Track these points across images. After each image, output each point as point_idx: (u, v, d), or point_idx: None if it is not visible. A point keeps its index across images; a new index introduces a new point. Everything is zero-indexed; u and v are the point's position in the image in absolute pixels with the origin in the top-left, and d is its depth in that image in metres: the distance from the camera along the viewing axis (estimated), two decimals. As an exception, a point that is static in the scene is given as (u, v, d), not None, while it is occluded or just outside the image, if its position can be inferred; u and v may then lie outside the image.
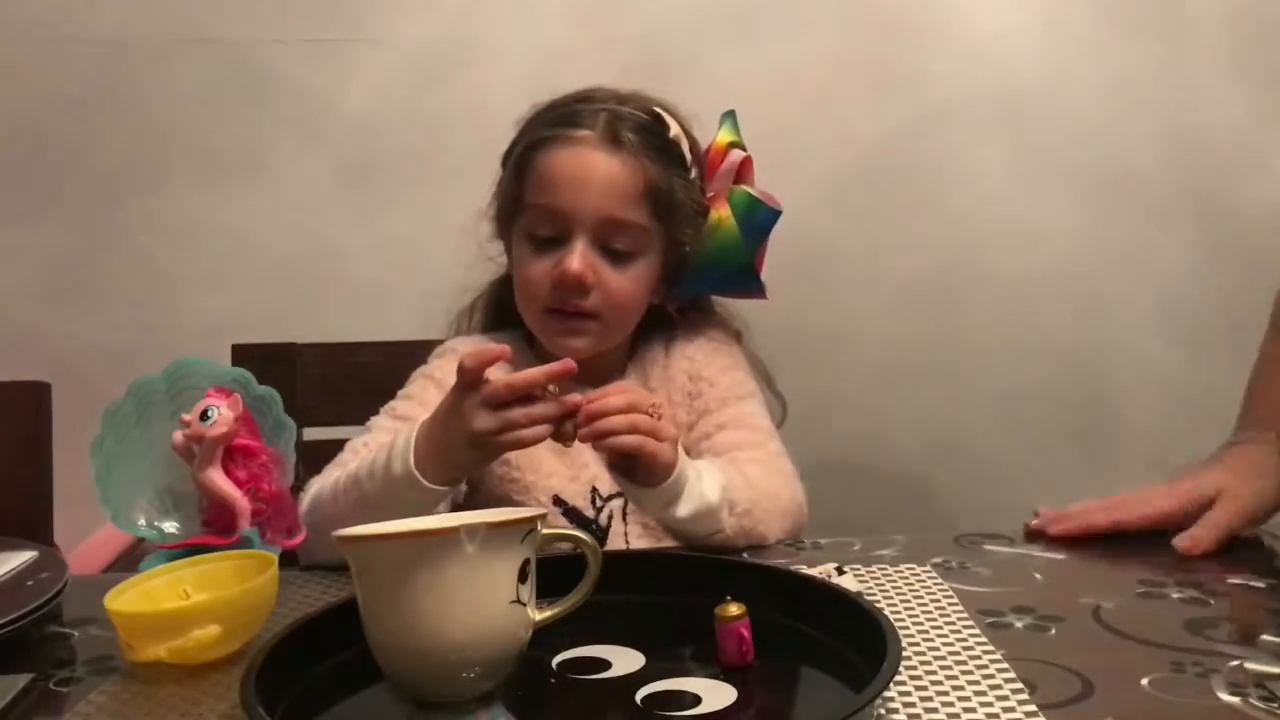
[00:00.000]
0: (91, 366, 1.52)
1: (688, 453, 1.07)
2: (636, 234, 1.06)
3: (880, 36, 1.61)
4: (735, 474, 0.98)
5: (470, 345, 1.13)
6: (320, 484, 0.98)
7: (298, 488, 0.96)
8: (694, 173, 1.11)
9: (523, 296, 1.09)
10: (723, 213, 1.10)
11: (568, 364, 0.86)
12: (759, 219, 1.11)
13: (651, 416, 0.89)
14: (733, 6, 1.63)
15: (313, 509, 0.95)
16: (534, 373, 0.87)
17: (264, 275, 1.66)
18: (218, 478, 0.88)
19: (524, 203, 1.07)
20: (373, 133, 1.65)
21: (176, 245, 1.66)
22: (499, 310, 1.18)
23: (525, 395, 0.86)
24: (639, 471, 0.90)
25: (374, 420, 1.08)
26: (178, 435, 0.89)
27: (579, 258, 1.03)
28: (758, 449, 1.06)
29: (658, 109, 1.10)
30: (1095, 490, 0.98)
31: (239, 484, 0.89)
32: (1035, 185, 1.63)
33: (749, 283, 1.13)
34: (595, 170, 1.05)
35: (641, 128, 1.07)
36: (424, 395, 1.08)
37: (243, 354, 1.26)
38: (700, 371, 1.11)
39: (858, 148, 1.62)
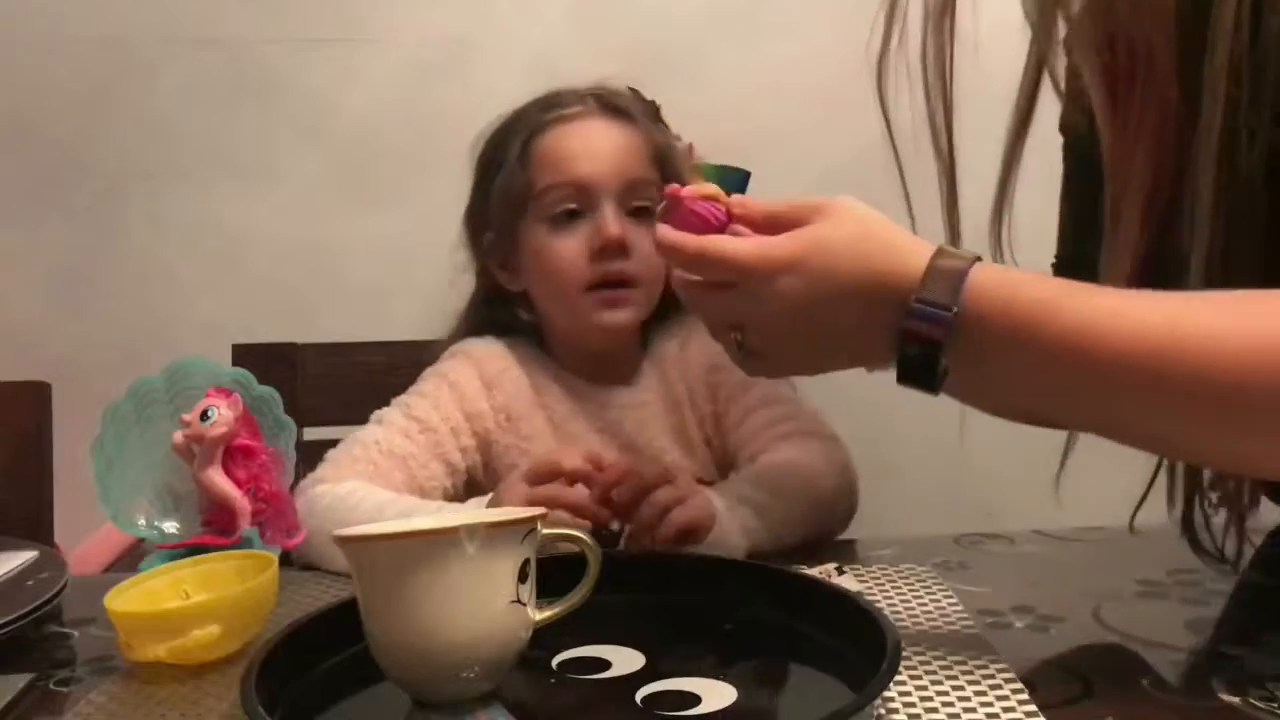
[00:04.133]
0: (91, 366, 1.52)
1: (719, 443, 1.09)
2: (654, 192, 1.04)
3: (880, 36, 1.61)
4: (762, 495, 0.95)
5: (485, 348, 1.10)
6: (337, 489, 0.97)
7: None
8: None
9: (555, 283, 1.06)
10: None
11: (594, 469, 0.88)
12: (733, 184, 1.10)
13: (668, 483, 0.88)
14: (733, 7, 1.63)
15: (325, 513, 0.93)
16: (578, 465, 0.89)
17: (264, 275, 1.66)
18: (218, 478, 0.88)
19: (536, 188, 1.05)
20: (373, 133, 1.65)
21: (176, 245, 1.66)
22: (490, 327, 1.14)
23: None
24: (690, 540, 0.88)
25: (384, 413, 1.06)
26: (178, 435, 0.89)
27: (614, 220, 1.02)
28: (789, 421, 1.06)
29: (630, 87, 1.12)
30: (1096, 489, 0.97)
31: (239, 484, 0.89)
32: (1038, 183, 1.62)
33: None
34: (605, 136, 1.05)
35: (629, 99, 1.09)
36: (438, 394, 1.07)
37: (243, 354, 1.26)
38: (718, 361, 1.07)
39: (858, 148, 1.62)
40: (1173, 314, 0.61)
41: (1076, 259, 0.90)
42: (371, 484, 0.99)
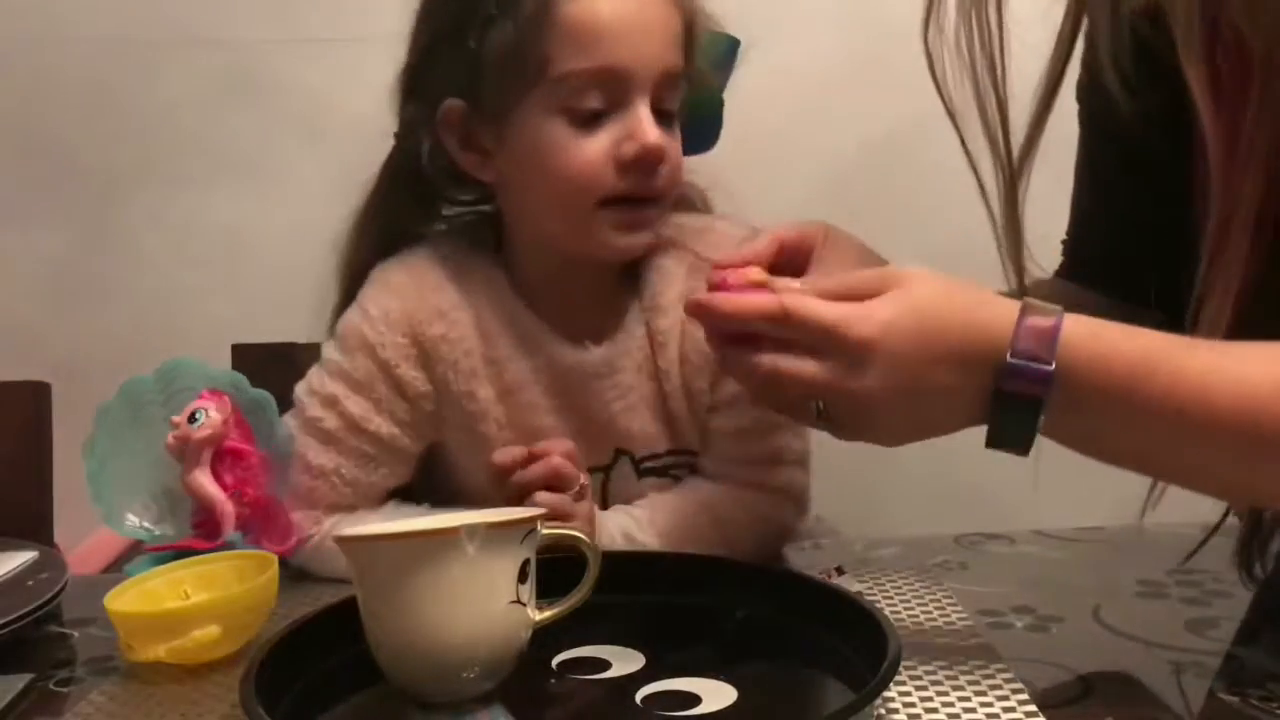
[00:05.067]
0: (91, 366, 1.52)
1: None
2: (680, 85, 0.87)
3: (880, 36, 1.61)
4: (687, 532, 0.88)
5: (417, 279, 0.90)
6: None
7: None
8: None
9: (565, 193, 0.85)
10: None
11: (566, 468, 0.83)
12: (724, 52, 0.95)
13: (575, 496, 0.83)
14: (731, 6, 1.63)
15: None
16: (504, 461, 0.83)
17: (264, 275, 1.66)
18: (204, 480, 0.87)
19: (556, 69, 0.82)
20: (373, 133, 1.65)
21: (176, 245, 1.66)
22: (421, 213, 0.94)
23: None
24: None
25: (301, 433, 0.90)
26: (170, 437, 0.89)
27: (652, 125, 0.83)
28: (758, 467, 0.91)
29: None
30: (1096, 489, 0.97)
31: (226, 488, 0.88)
32: (1037, 184, 1.63)
33: (713, 132, 0.96)
34: (648, 15, 0.84)
35: None
36: (369, 389, 0.90)
37: (243, 354, 1.26)
38: None
39: (858, 148, 1.62)
40: (1274, 372, 0.60)
41: (1088, 241, 0.90)
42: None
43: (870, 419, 0.66)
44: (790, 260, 0.78)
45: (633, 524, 0.89)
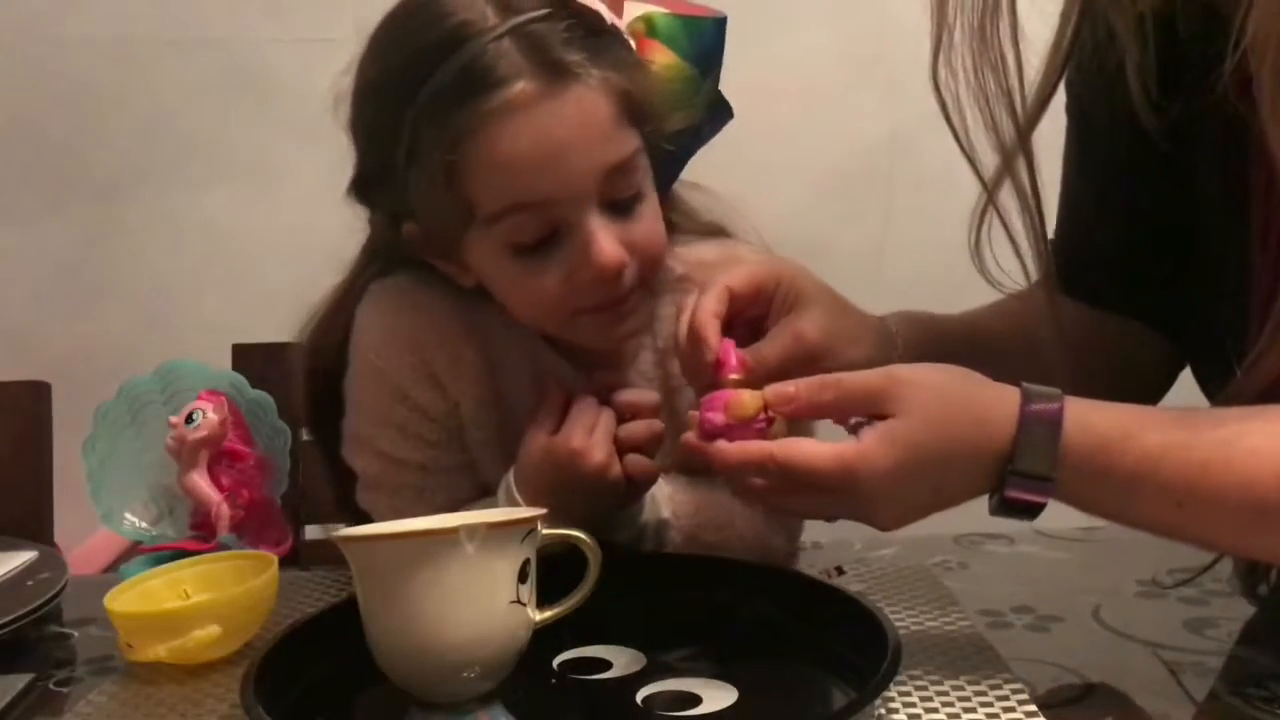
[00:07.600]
0: (91, 366, 1.52)
1: None
2: (635, 165, 0.78)
3: (880, 36, 1.61)
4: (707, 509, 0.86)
5: (413, 301, 0.85)
6: None
7: (298, 494, 0.95)
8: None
9: (532, 314, 0.82)
10: (655, 55, 0.82)
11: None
12: (706, 40, 0.86)
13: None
14: (731, 5, 1.63)
15: None
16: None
17: (264, 275, 1.66)
18: (201, 482, 0.87)
19: (484, 211, 0.76)
20: (372, 133, 1.65)
21: (177, 245, 1.66)
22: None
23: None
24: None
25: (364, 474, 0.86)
26: (169, 438, 0.89)
27: (605, 242, 0.75)
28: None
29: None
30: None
31: (222, 489, 0.88)
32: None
33: (719, 114, 0.87)
34: (563, 128, 0.74)
35: (565, 32, 0.75)
36: (406, 420, 0.85)
37: (243, 354, 1.26)
38: None
39: (858, 148, 1.62)
40: (1275, 457, 0.62)
41: (1081, 248, 0.89)
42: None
43: (878, 523, 0.69)
44: (746, 309, 0.76)
45: (660, 495, 0.85)
